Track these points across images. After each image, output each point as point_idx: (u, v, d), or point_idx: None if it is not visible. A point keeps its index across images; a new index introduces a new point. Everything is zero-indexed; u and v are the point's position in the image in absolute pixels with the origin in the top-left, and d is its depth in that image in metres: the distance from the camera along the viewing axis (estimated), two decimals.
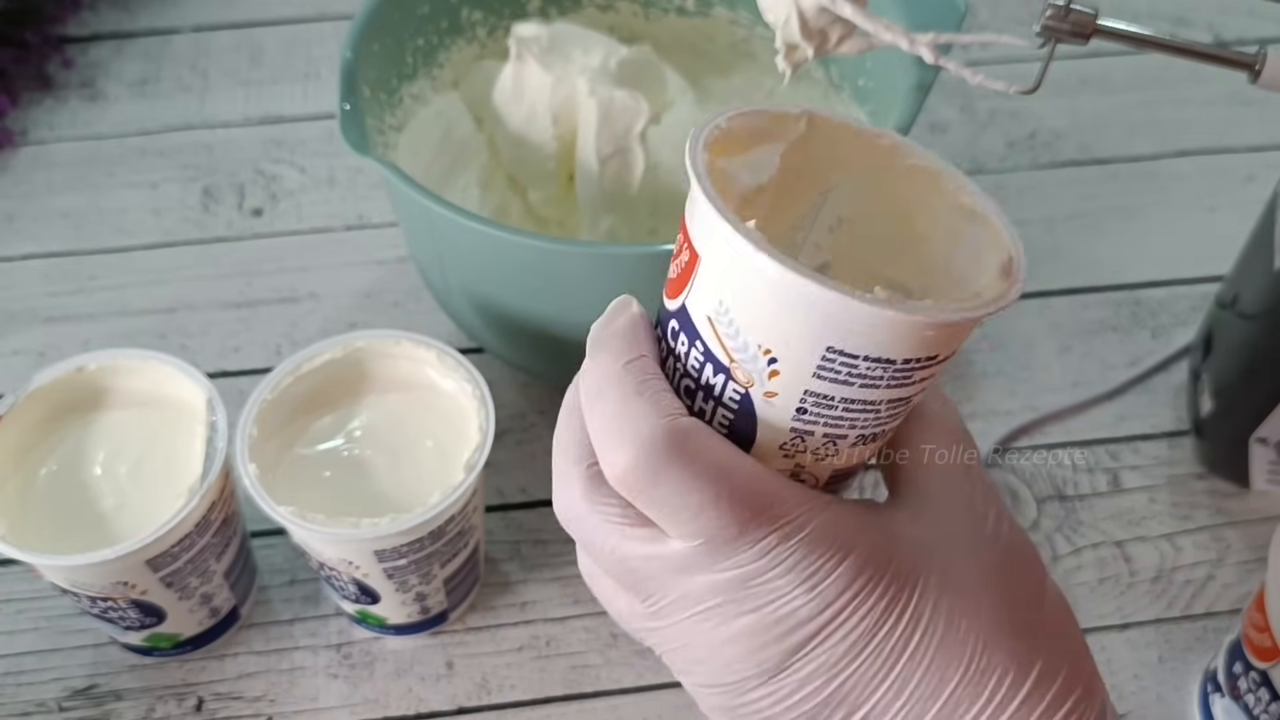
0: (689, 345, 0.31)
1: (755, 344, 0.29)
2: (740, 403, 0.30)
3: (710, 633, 0.30)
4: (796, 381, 0.29)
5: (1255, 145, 0.76)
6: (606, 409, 0.30)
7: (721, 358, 0.30)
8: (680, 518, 0.29)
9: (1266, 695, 0.47)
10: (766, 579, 0.29)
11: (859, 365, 0.28)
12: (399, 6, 0.59)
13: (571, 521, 0.32)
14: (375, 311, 0.67)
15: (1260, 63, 0.36)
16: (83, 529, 0.49)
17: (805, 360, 0.29)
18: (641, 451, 0.29)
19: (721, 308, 0.29)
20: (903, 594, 0.30)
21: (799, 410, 0.30)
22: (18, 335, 0.66)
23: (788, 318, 0.28)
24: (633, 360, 0.31)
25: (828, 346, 0.28)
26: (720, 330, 0.29)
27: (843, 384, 0.29)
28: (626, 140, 0.59)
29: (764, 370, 0.29)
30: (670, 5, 0.67)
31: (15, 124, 0.77)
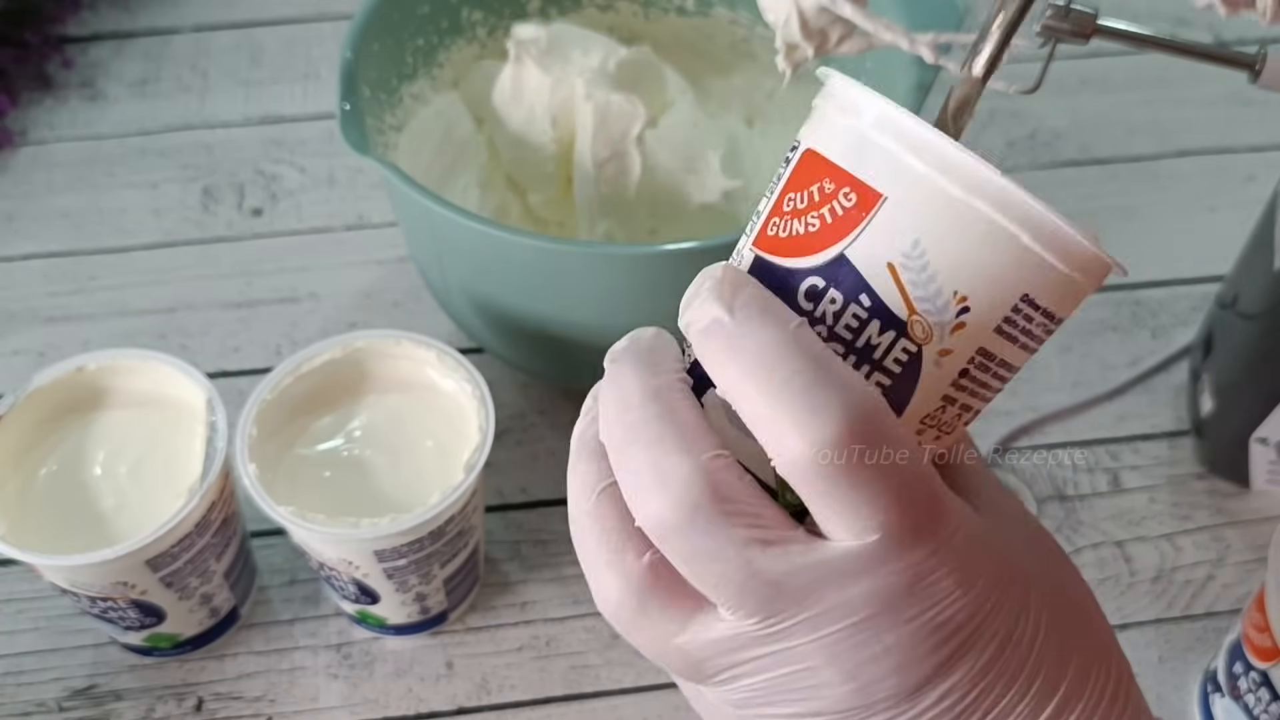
0: (844, 302, 0.28)
1: (950, 290, 0.27)
2: (905, 364, 0.28)
3: (853, 650, 0.27)
4: (977, 335, 0.28)
5: (1255, 145, 0.76)
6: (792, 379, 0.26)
7: (899, 310, 0.28)
8: (867, 510, 0.26)
9: (1267, 695, 0.47)
10: (933, 580, 0.27)
11: (1035, 320, 0.28)
12: (399, 6, 0.59)
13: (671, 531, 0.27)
14: (375, 311, 0.67)
15: (1260, 63, 0.36)
16: (83, 529, 0.48)
17: (997, 309, 0.27)
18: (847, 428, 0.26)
19: (915, 250, 0.27)
20: (1023, 601, 0.29)
21: (962, 372, 0.28)
22: (18, 335, 0.66)
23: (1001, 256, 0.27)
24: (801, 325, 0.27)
25: (1023, 295, 0.27)
26: (906, 277, 0.27)
27: (1011, 341, 0.28)
28: (623, 144, 0.59)
29: (950, 322, 0.27)
30: (670, 5, 0.67)
31: (15, 124, 0.76)
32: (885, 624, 0.27)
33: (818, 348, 0.27)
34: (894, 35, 0.41)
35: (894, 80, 0.56)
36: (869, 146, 0.28)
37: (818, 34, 0.43)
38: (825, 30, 0.43)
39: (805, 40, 0.43)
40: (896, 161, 0.27)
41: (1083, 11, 0.36)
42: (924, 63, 0.42)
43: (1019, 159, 0.75)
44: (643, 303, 0.52)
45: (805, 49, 0.43)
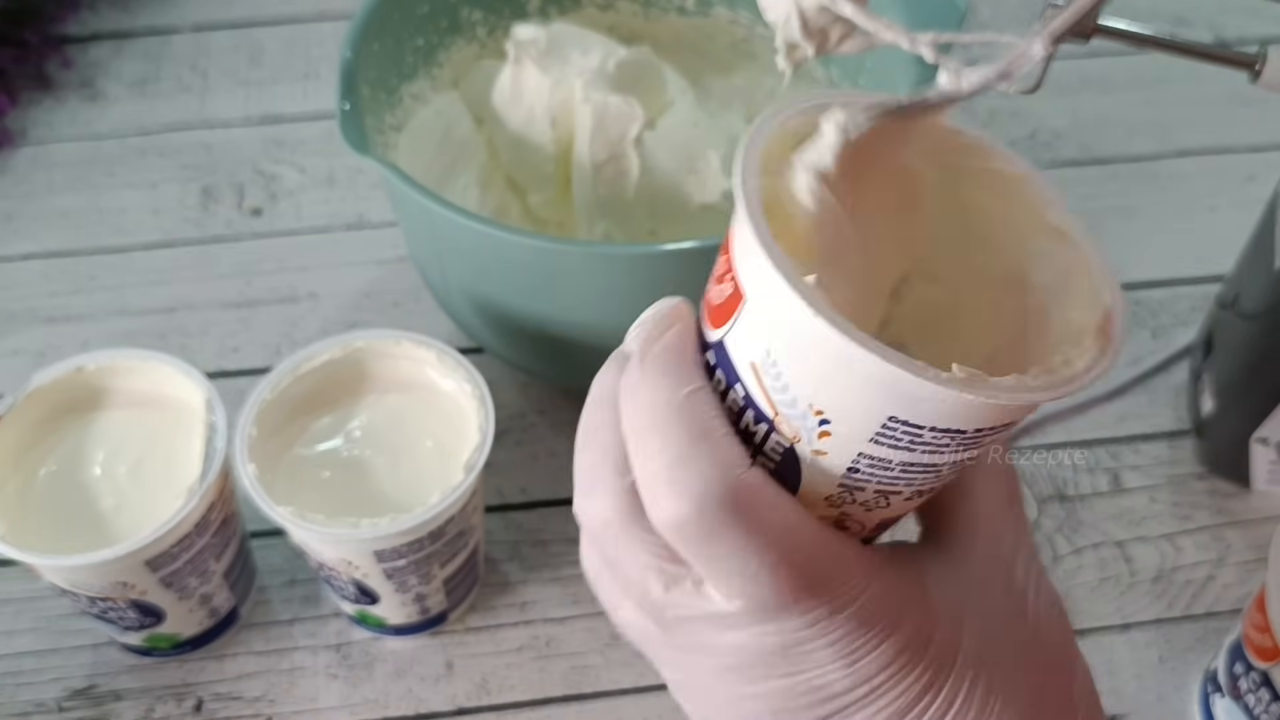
0: (728, 385, 0.28)
1: (806, 403, 0.26)
2: (784, 456, 0.27)
3: (733, 685, 0.29)
4: (851, 444, 0.26)
5: (1255, 145, 0.76)
6: (664, 449, 0.27)
7: (765, 409, 0.27)
8: (731, 580, 0.27)
9: (1267, 695, 0.47)
10: (808, 649, 0.28)
11: (924, 434, 0.26)
12: (399, 6, 0.59)
13: (597, 533, 0.30)
14: (375, 311, 0.67)
15: (1260, 62, 0.36)
16: (82, 529, 0.48)
17: (863, 427, 0.26)
18: (702, 507, 0.26)
19: (769, 359, 0.26)
20: (941, 672, 0.28)
21: (850, 470, 0.27)
22: (17, 335, 0.66)
23: (846, 385, 0.25)
24: (694, 391, 0.28)
25: (890, 416, 0.25)
26: (766, 381, 0.26)
27: (904, 450, 0.26)
28: (621, 146, 0.59)
29: (814, 429, 0.26)
30: (670, 5, 0.67)
31: (15, 124, 0.76)
32: (755, 675, 0.28)
33: (700, 421, 0.27)
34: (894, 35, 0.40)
35: (894, 80, 0.56)
36: (742, 244, 0.26)
37: (818, 33, 0.43)
38: (825, 30, 0.43)
39: (805, 40, 0.43)
40: (753, 269, 0.26)
41: None
42: (924, 62, 0.42)
43: None
44: (642, 303, 0.52)
45: (806, 48, 0.43)
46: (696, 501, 0.26)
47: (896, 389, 0.25)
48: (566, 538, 0.58)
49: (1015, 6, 0.84)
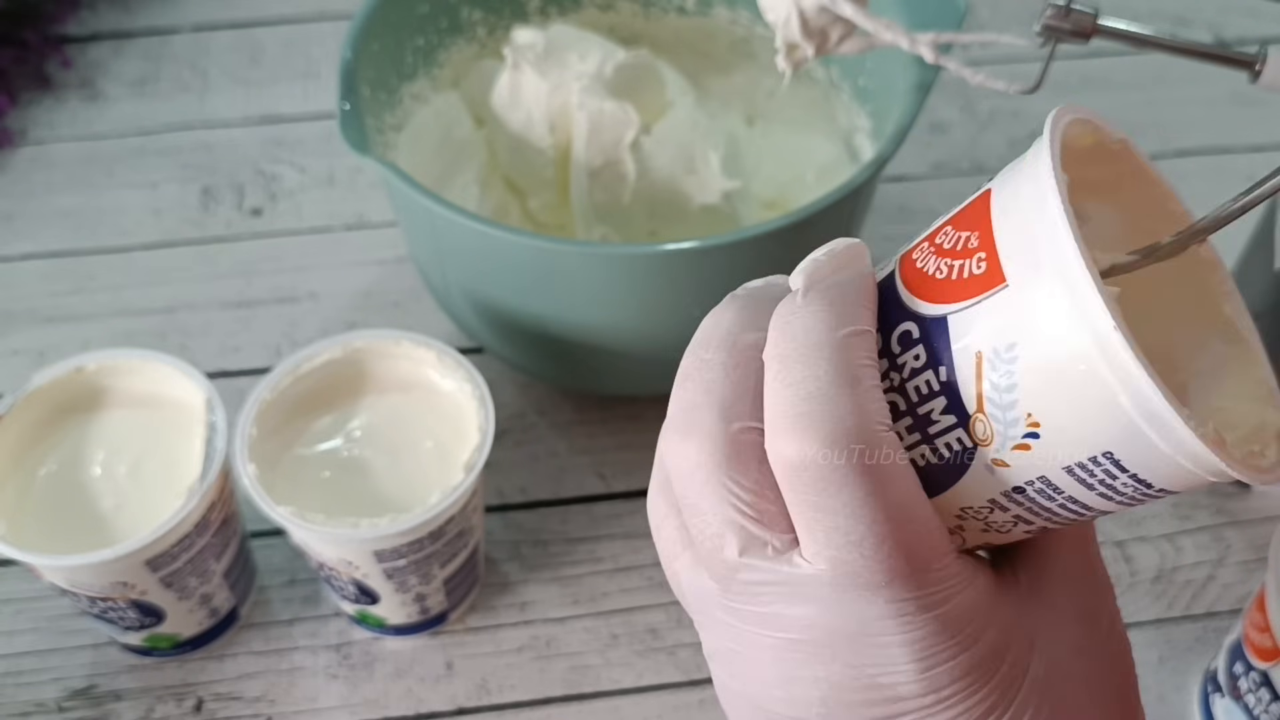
0: (924, 365, 0.26)
1: (1024, 410, 0.24)
2: (954, 455, 0.26)
3: (789, 664, 0.27)
4: (1042, 465, 0.25)
5: (1255, 145, 0.76)
6: (805, 380, 0.25)
7: (968, 402, 0.25)
8: (831, 539, 0.25)
9: (1267, 695, 0.47)
10: (883, 641, 0.26)
11: (1119, 479, 0.25)
12: (399, 6, 0.59)
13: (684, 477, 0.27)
14: (375, 311, 0.67)
15: (1260, 63, 0.36)
16: (82, 529, 0.48)
17: (1070, 453, 0.24)
18: (830, 449, 0.24)
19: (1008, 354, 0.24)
20: (1007, 694, 0.27)
21: (1017, 489, 0.26)
22: (17, 335, 0.66)
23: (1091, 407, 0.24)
24: (857, 333, 0.26)
25: (1107, 452, 0.24)
26: (989, 375, 0.24)
27: (1086, 487, 0.25)
28: (616, 152, 0.59)
29: (1014, 439, 0.25)
30: (670, 5, 0.67)
31: (15, 124, 0.76)
32: (818, 656, 0.26)
33: (853, 364, 0.25)
34: (894, 35, 0.41)
35: (894, 80, 0.56)
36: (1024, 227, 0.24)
37: (818, 34, 0.43)
38: (825, 30, 0.43)
39: (805, 40, 0.43)
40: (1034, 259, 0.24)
41: (1083, 11, 0.36)
42: (924, 63, 0.42)
43: None
44: (642, 302, 0.52)
45: (806, 48, 0.43)
46: (826, 440, 0.25)
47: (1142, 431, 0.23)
48: (566, 538, 0.58)
49: (1015, 6, 0.84)
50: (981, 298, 0.25)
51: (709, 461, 0.26)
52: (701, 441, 0.26)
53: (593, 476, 0.60)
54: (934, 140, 0.76)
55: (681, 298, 0.52)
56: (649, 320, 0.53)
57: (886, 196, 0.72)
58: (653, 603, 0.56)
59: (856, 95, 0.63)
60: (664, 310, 0.53)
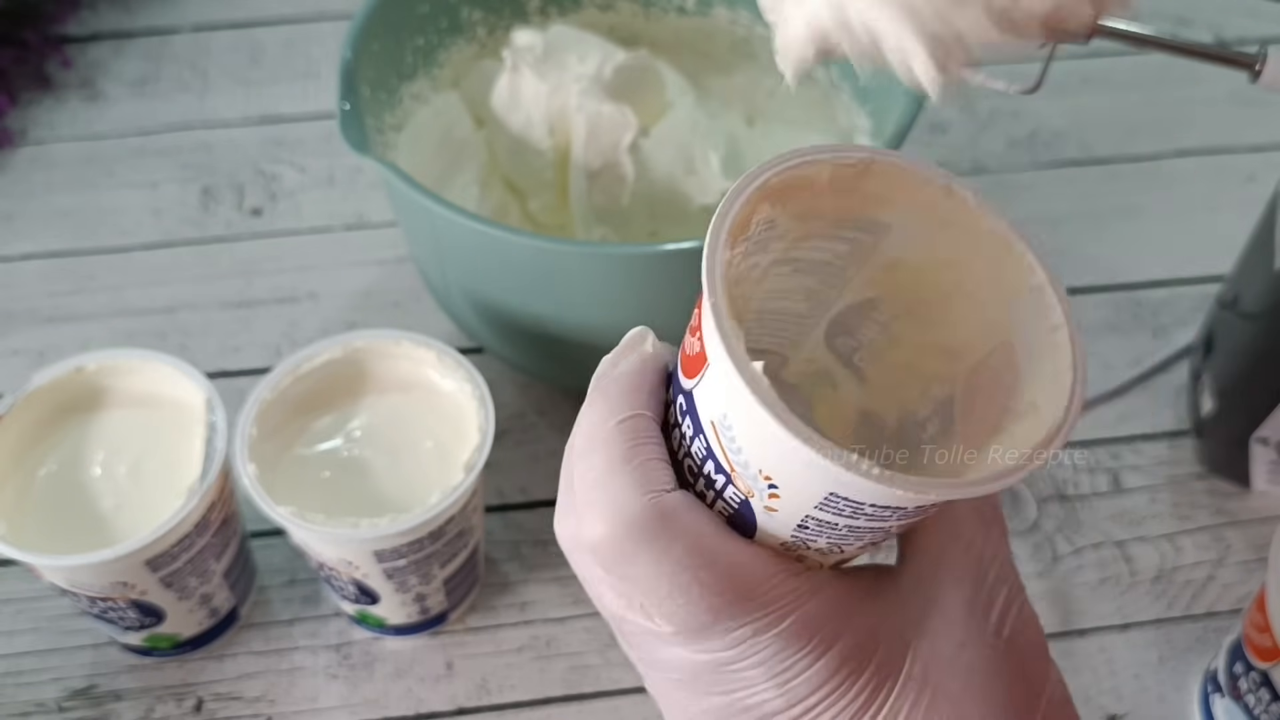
0: (694, 434, 0.29)
1: (756, 468, 0.27)
2: (739, 506, 0.29)
3: (682, 699, 0.30)
4: (798, 509, 0.28)
5: (1255, 145, 0.76)
6: (590, 472, 0.28)
7: (723, 464, 0.28)
8: (651, 600, 0.28)
9: (1267, 695, 0.47)
10: (738, 669, 0.28)
11: (864, 508, 0.27)
12: (399, 6, 0.59)
13: (569, 554, 0.31)
14: (375, 311, 0.67)
15: (1260, 63, 0.36)
16: (82, 529, 0.48)
17: (807, 498, 0.27)
18: (617, 528, 0.27)
19: (725, 421, 0.27)
20: (880, 691, 0.28)
21: (800, 526, 0.28)
22: (18, 335, 0.66)
23: (789, 464, 0.26)
24: (626, 419, 0.29)
25: (830, 493, 0.27)
26: (723, 440, 0.28)
27: (848, 518, 0.27)
28: (614, 154, 0.59)
29: (764, 491, 0.27)
30: (670, 5, 0.67)
31: (15, 124, 0.76)
32: (696, 691, 0.29)
33: (626, 446, 0.28)
34: None
35: (894, 80, 0.56)
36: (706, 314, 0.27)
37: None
38: None
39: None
40: (711, 337, 0.27)
41: None
42: None
43: (1019, 159, 0.75)
44: (642, 303, 0.52)
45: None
46: (610, 523, 0.27)
47: (831, 476, 0.26)
48: None
49: None
50: (703, 373, 0.28)
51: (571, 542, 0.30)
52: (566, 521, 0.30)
53: None
54: (934, 140, 0.76)
55: (681, 298, 0.52)
56: (649, 320, 0.53)
57: None
58: None
59: (856, 95, 0.63)
60: (664, 310, 0.53)
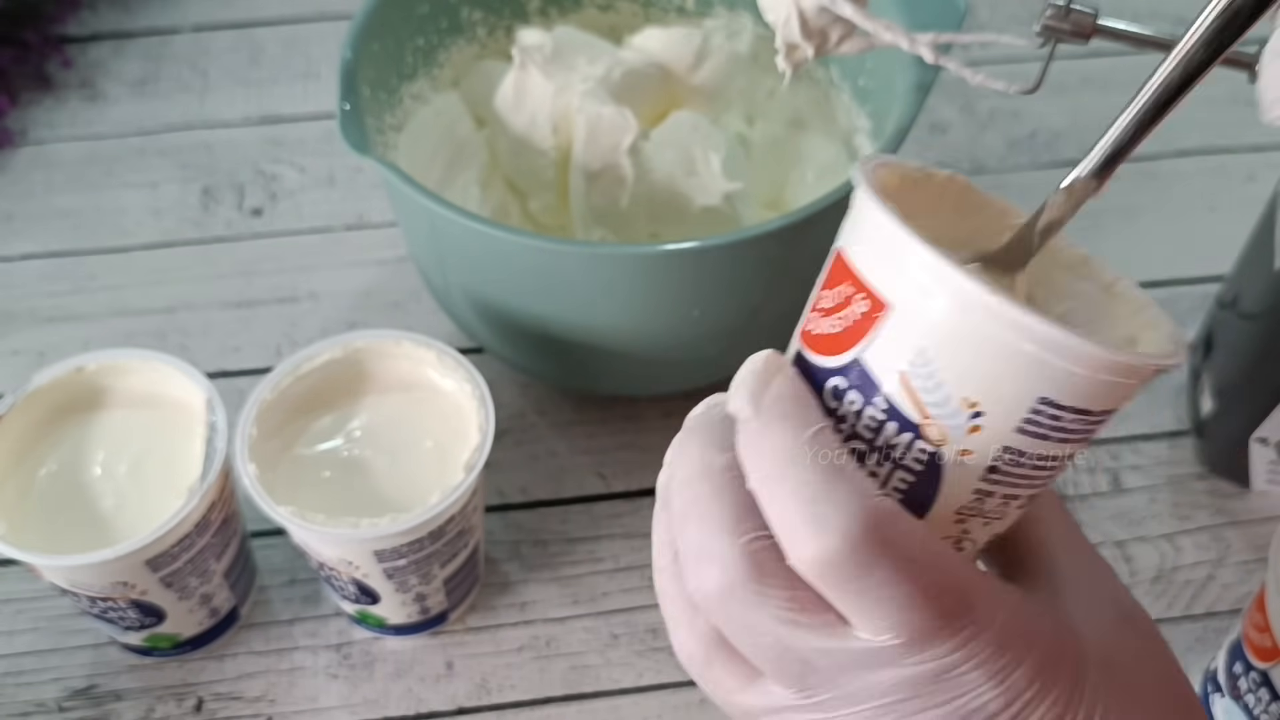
0: (863, 403, 0.29)
1: (960, 397, 0.27)
2: (926, 464, 0.28)
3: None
4: (997, 436, 0.28)
5: (1255, 145, 0.76)
6: (798, 489, 0.28)
7: (911, 415, 0.28)
8: (881, 611, 0.27)
9: (1267, 695, 0.47)
10: (960, 673, 0.28)
11: (1063, 418, 0.27)
12: (399, 6, 0.59)
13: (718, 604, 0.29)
14: (375, 311, 0.67)
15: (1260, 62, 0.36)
16: (82, 529, 0.48)
17: (1013, 412, 0.27)
18: (849, 540, 0.27)
19: (921, 359, 0.27)
20: (1078, 687, 0.29)
21: (990, 469, 0.28)
22: (18, 335, 0.66)
23: (1007, 366, 0.27)
24: (818, 431, 0.28)
25: (1040, 397, 0.27)
26: (916, 384, 0.28)
27: (1041, 439, 0.28)
28: (613, 156, 0.59)
29: (964, 426, 0.28)
30: (670, 5, 0.67)
31: (15, 124, 0.76)
32: (914, 708, 0.28)
33: (830, 456, 0.28)
34: (894, 35, 0.41)
35: (894, 80, 0.56)
36: (879, 256, 0.28)
37: (818, 34, 0.43)
38: (825, 30, 0.43)
39: (805, 40, 0.43)
40: (899, 273, 0.27)
41: (1083, 11, 0.36)
42: (924, 63, 0.42)
43: (1019, 159, 0.75)
44: (642, 303, 0.52)
45: (805, 49, 0.43)
46: (842, 534, 0.27)
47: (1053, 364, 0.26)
48: (566, 538, 0.58)
49: (1015, 6, 0.84)
50: (877, 328, 0.28)
51: (741, 578, 0.28)
52: (723, 566, 0.29)
53: (593, 476, 0.60)
54: (934, 140, 0.76)
55: (681, 298, 0.52)
56: (649, 320, 0.53)
57: None
58: (653, 603, 0.56)
59: (856, 95, 0.63)
60: (664, 310, 0.53)
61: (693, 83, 0.64)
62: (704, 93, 0.64)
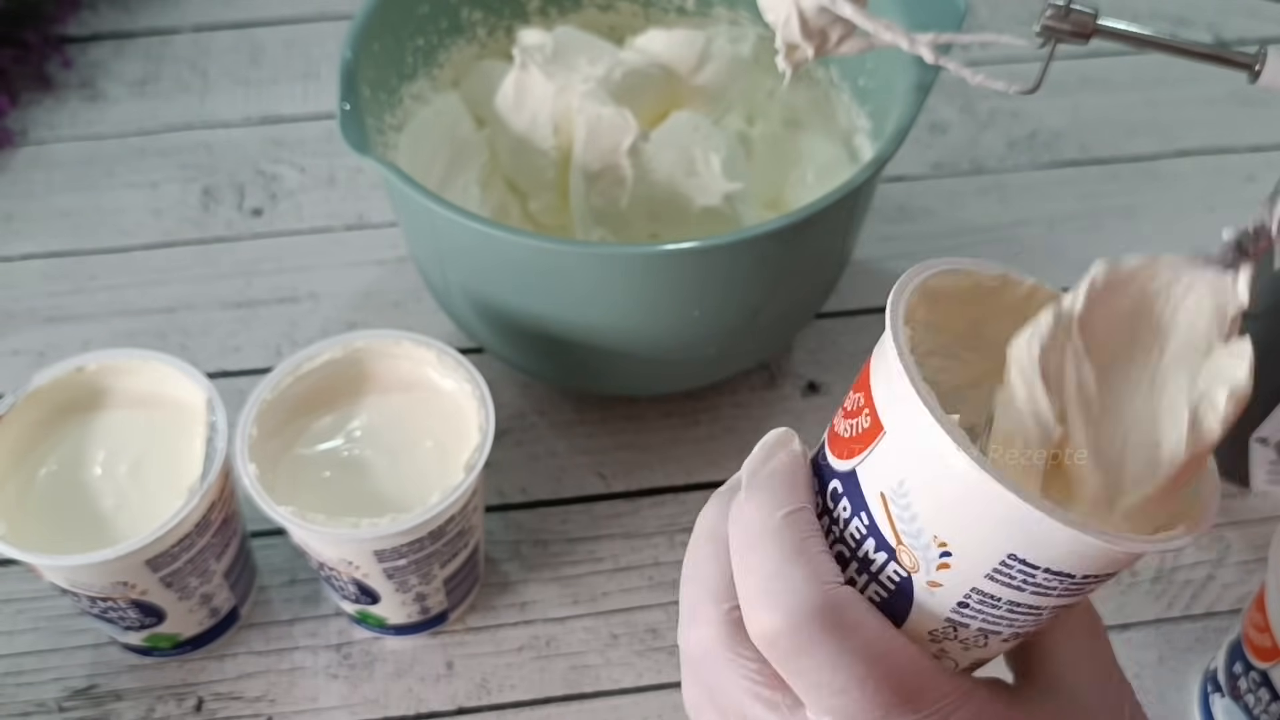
0: (852, 514, 0.29)
1: (931, 534, 0.28)
2: (899, 585, 0.29)
3: None
4: (966, 579, 0.28)
5: (1255, 145, 0.76)
6: (761, 564, 0.29)
7: (888, 537, 0.28)
8: (821, 693, 0.28)
9: (1267, 695, 0.47)
10: None
11: (1037, 575, 0.27)
12: (399, 6, 0.59)
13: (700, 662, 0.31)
14: (375, 311, 0.67)
15: (1260, 63, 0.36)
16: (82, 529, 0.48)
17: (981, 562, 0.27)
18: (794, 619, 0.28)
19: (901, 489, 0.28)
20: None
21: (960, 605, 0.28)
22: (18, 335, 0.66)
23: (975, 520, 0.27)
24: (793, 512, 0.29)
25: (1010, 554, 0.27)
26: (894, 510, 0.28)
27: (1014, 589, 0.28)
28: (613, 157, 0.59)
29: (934, 560, 0.28)
30: (670, 5, 0.67)
31: (15, 124, 0.76)
32: None
33: (796, 538, 0.29)
34: (894, 35, 0.41)
35: (894, 80, 0.56)
36: (885, 379, 0.28)
37: (818, 34, 0.43)
38: (825, 30, 0.43)
39: (805, 40, 0.43)
40: (894, 402, 0.28)
41: (1083, 11, 0.36)
42: (924, 63, 0.42)
43: (1019, 159, 0.75)
44: (642, 303, 0.52)
45: (805, 49, 0.43)
46: (788, 613, 0.28)
47: (1025, 528, 0.26)
48: (566, 538, 0.58)
49: (1014, 6, 0.85)
50: (872, 447, 0.28)
51: (716, 643, 0.30)
52: (706, 627, 0.30)
53: (593, 476, 0.60)
54: (933, 140, 0.76)
55: (681, 298, 0.52)
56: (649, 320, 0.53)
57: (886, 196, 0.72)
58: (653, 602, 0.56)
59: (856, 95, 0.63)
60: (664, 310, 0.53)
61: (694, 84, 0.64)
62: (705, 94, 0.64)
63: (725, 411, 0.63)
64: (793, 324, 0.61)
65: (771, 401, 0.63)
